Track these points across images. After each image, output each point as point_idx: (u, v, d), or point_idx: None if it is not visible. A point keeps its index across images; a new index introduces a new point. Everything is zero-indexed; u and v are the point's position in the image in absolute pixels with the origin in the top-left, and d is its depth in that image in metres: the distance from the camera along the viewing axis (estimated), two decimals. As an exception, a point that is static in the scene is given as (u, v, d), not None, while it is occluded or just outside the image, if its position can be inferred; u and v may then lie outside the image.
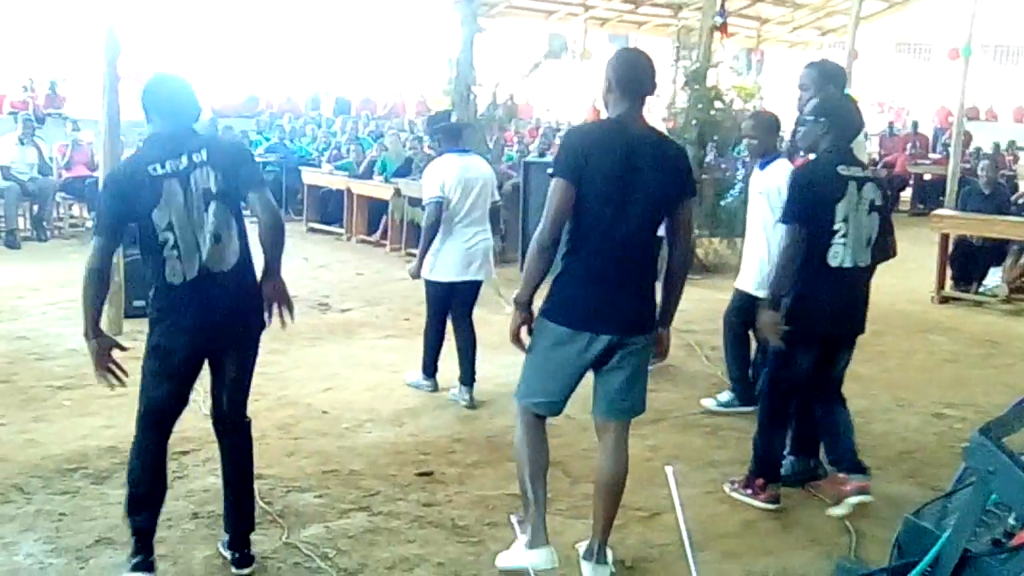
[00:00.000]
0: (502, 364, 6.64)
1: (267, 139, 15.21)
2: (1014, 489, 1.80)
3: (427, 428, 5.44)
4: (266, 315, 3.70)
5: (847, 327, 4.40)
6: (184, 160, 3.47)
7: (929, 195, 16.55)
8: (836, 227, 4.15)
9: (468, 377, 6.01)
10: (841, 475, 4.45)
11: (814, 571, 3.88)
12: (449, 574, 3.80)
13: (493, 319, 7.76)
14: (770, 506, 4.46)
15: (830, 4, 21.56)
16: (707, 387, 6.22)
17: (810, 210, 4.17)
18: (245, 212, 3.65)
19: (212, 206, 3.49)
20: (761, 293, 4.78)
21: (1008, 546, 1.99)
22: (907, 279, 4.77)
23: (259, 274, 3.68)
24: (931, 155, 18.20)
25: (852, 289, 4.29)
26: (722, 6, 11.16)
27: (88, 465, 4.71)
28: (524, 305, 3.63)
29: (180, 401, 3.72)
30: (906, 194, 17.00)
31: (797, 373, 4.36)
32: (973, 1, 15.22)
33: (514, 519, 3.76)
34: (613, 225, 3.49)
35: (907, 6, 22.11)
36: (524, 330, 3.66)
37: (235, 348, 3.73)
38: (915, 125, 19.72)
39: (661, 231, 3.68)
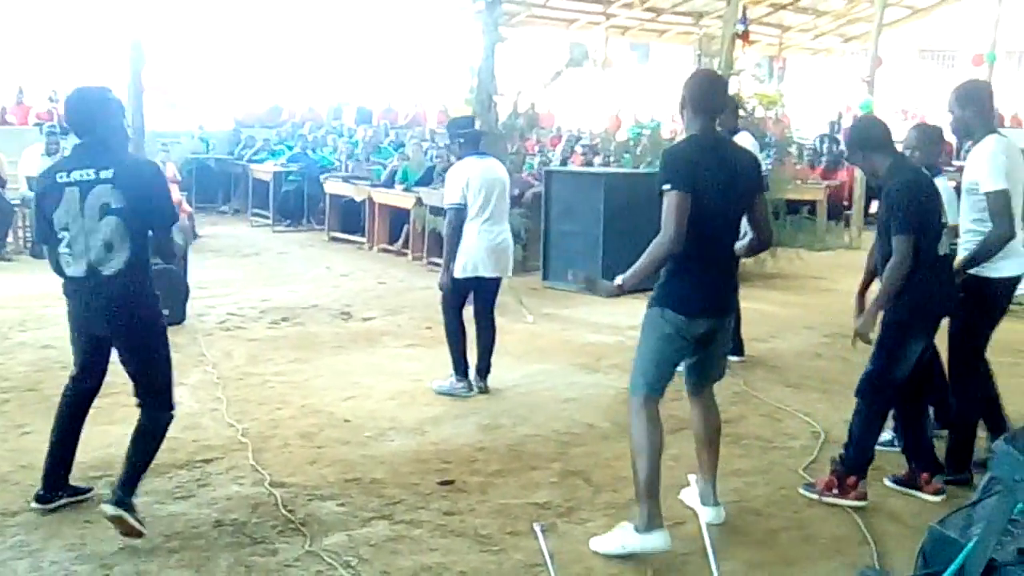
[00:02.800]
0: (524, 373, 6.65)
1: (290, 148, 15.29)
2: None
3: (449, 437, 5.44)
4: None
5: (950, 308, 4.62)
6: (91, 173, 3.96)
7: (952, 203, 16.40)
8: (944, 219, 4.52)
9: (484, 368, 6.23)
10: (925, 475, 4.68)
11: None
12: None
13: (515, 328, 7.79)
14: (859, 503, 4.53)
15: (852, 11, 21.50)
16: (729, 396, 6.19)
17: (924, 217, 4.42)
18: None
19: (106, 218, 3.95)
20: None
21: None
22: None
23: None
24: (955, 162, 18.04)
25: (951, 270, 4.60)
26: (743, 14, 11.12)
27: (112, 473, 4.70)
28: (624, 291, 4.08)
29: (89, 363, 4.37)
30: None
31: (908, 364, 4.52)
32: (997, 6, 15.14)
33: (537, 528, 3.76)
34: (720, 229, 4.07)
35: (930, 13, 21.98)
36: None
37: (120, 338, 4.18)
38: (939, 132, 19.58)
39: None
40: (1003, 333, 6.03)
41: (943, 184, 5.10)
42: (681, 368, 4.30)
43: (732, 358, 6.39)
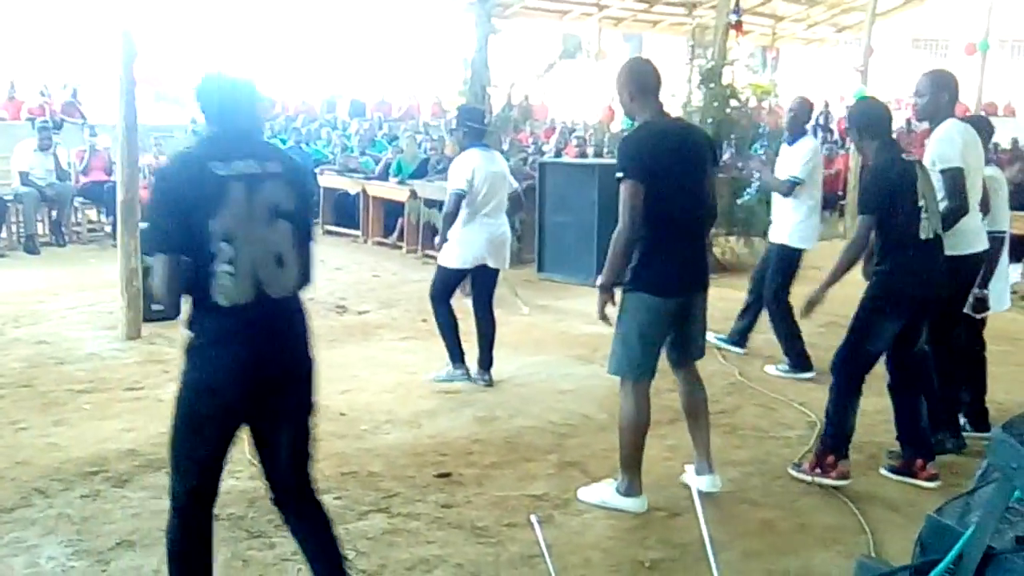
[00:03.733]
0: (520, 365, 6.66)
1: (283, 142, 15.24)
2: None
3: (445, 429, 5.44)
4: None
5: (936, 290, 4.66)
6: (255, 165, 2.96)
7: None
8: (920, 203, 4.51)
9: (487, 362, 6.25)
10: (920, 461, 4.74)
11: (835, 571, 3.86)
12: (468, 575, 3.80)
13: (510, 320, 7.78)
14: (841, 482, 4.60)
15: (846, 1, 21.46)
16: (724, 386, 6.21)
17: (892, 200, 4.51)
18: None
19: (277, 224, 2.97)
20: None
21: None
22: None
23: None
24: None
25: (938, 255, 4.62)
26: (737, 4, 11.11)
27: (108, 468, 4.73)
28: (608, 288, 4.27)
29: (218, 464, 3.12)
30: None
31: (880, 346, 4.62)
32: (991, -5, 15.15)
33: (534, 519, 3.75)
34: (686, 206, 4.17)
35: (924, 2, 21.95)
36: (609, 307, 4.32)
37: (294, 395, 3.11)
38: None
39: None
40: (999, 322, 6.06)
41: (988, 174, 5.27)
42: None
43: (735, 348, 7.02)
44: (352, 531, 4.12)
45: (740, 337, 7.07)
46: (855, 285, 4.72)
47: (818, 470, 4.65)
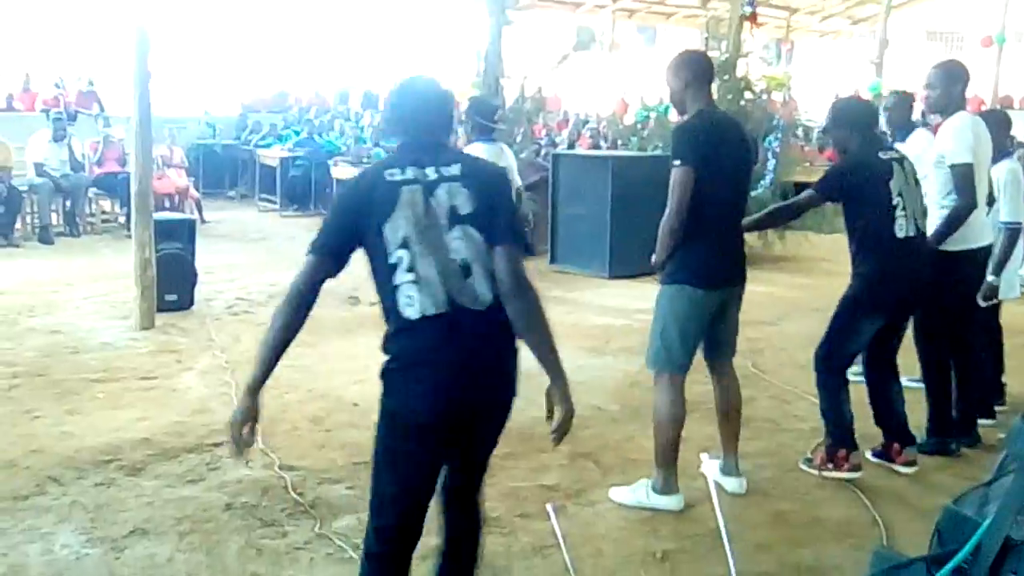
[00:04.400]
0: (529, 357, 6.64)
1: (296, 133, 15.28)
2: None
3: (457, 420, 5.43)
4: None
5: (919, 290, 4.65)
6: (431, 171, 2.78)
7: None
8: (895, 202, 4.44)
9: None
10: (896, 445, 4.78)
11: (848, 563, 3.85)
12: (481, 565, 3.80)
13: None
14: (855, 474, 4.60)
15: (860, -7, 21.37)
16: (739, 378, 6.18)
17: (861, 193, 4.51)
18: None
19: (457, 229, 2.74)
20: None
21: None
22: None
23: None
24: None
25: (919, 254, 4.57)
26: (751, -5, 11.07)
27: (123, 457, 4.75)
28: (658, 266, 4.24)
29: (415, 505, 2.83)
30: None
31: (858, 341, 4.63)
32: (1007, -13, 15.05)
33: (550, 508, 3.74)
34: (731, 199, 4.22)
35: (939, -6, 21.87)
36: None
37: (495, 415, 2.90)
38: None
39: None
40: (1009, 316, 6.04)
41: (1007, 166, 5.32)
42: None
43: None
44: (364, 520, 4.09)
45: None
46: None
47: (829, 465, 4.64)
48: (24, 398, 5.66)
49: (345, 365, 6.46)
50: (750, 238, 10.40)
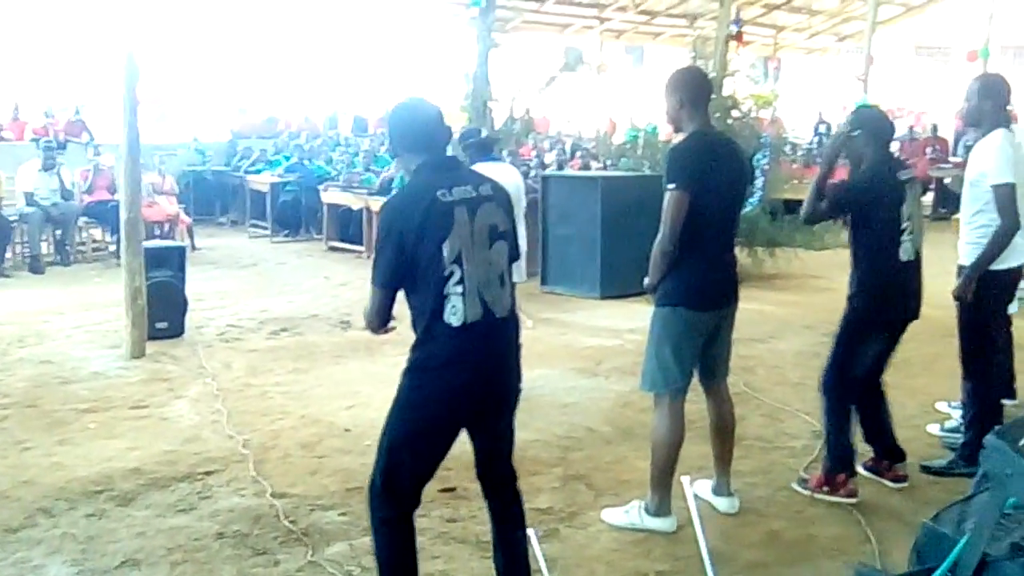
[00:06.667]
0: (524, 379, 6.62)
1: (287, 159, 15.30)
2: None
3: (450, 444, 5.43)
4: None
5: (914, 313, 4.64)
6: (471, 190, 3.13)
7: (950, 199, 16.41)
8: (904, 225, 4.45)
9: None
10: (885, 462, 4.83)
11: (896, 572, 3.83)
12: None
13: (514, 333, 7.77)
14: (850, 500, 4.56)
15: (847, 10, 21.53)
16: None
17: (868, 211, 4.49)
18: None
19: (497, 244, 3.14)
20: None
21: None
22: (930, 283, 4.77)
23: None
24: (952, 158, 18.06)
25: (917, 277, 4.61)
26: (737, 15, 11.14)
27: (113, 487, 4.73)
28: (655, 288, 4.18)
29: (429, 475, 3.34)
30: (927, 198, 16.85)
31: (864, 362, 4.61)
32: (991, 2, 15.16)
33: (531, 533, 3.71)
34: (725, 221, 4.19)
35: (924, 9, 22.01)
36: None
37: (509, 407, 3.39)
38: (935, 128, 19.58)
39: None
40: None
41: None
42: None
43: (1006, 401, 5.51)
44: (357, 547, 4.11)
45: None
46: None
47: (826, 488, 4.62)
48: (14, 429, 5.64)
49: (338, 390, 6.45)
50: (740, 255, 10.50)
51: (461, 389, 3.13)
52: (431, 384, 3.14)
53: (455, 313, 3.05)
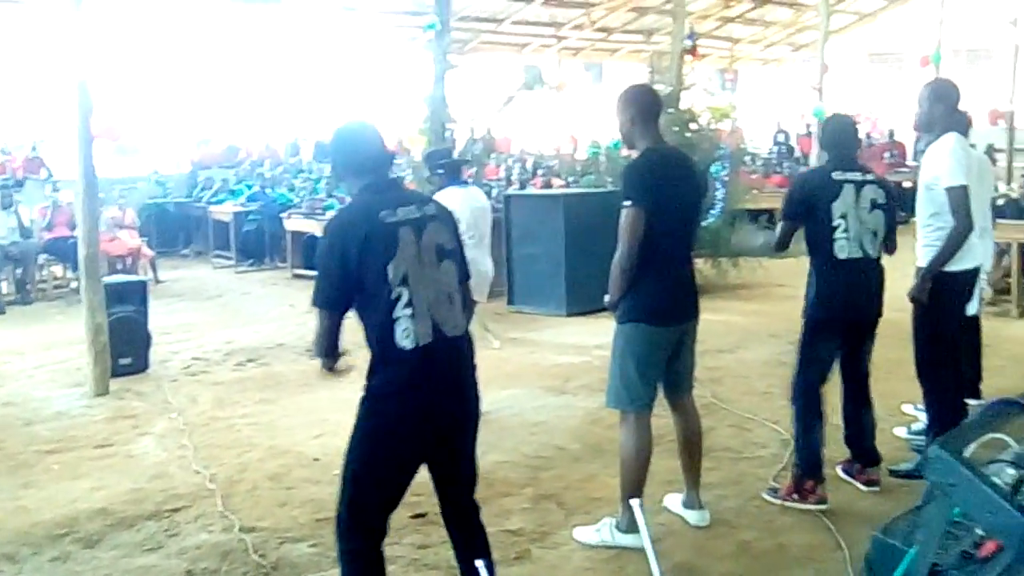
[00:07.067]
0: (492, 400, 6.60)
1: (249, 187, 15.22)
2: (975, 501, 1.78)
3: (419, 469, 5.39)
4: None
5: (865, 312, 4.72)
6: (415, 210, 3.12)
7: (909, 202, 16.56)
8: (835, 223, 4.53)
9: None
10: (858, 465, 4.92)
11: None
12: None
13: (481, 354, 7.70)
14: (821, 507, 4.59)
15: (801, 20, 21.75)
16: (698, 408, 6.19)
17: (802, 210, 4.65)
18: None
19: (444, 264, 3.15)
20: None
21: (977, 558, 1.97)
22: (892, 287, 4.81)
23: None
24: (909, 163, 18.26)
25: (863, 276, 4.64)
26: (691, 30, 11.23)
27: (79, 529, 4.66)
28: (616, 306, 4.20)
29: (397, 504, 3.29)
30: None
31: (822, 366, 4.68)
32: (940, 7, 15.38)
33: (480, 565, 3.65)
34: (681, 236, 4.21)
35: (876, 17, 22.32)
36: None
37: (469, 431, 3.35)
38: (891, 134, 19.81)
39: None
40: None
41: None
42: None
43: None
44: (327, 579, 4.07)
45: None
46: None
47: (795, 495, 4.65)
48: (-24, 473, 5.55)
49: (306, 419, 6.40)
50: (704, 267, 10.56)
51: (420, 413, 3.08)
52: (389, 411, 3.10)
53: (407, 336, 3.01)
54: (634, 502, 3.36)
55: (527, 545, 4.34)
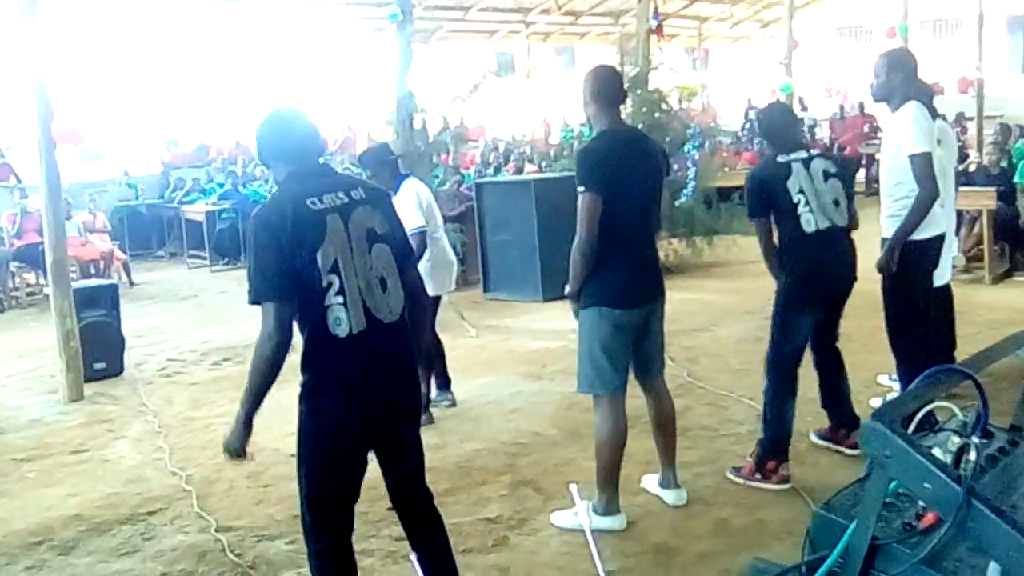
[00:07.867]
0: (469, 388, 6.62)
1: (220, 186, 15.13)
2: (911, 473, 1.77)
3: (397, 461, 5.38)
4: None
5: (841, 283, 4.75)
6: (342, 196, 3.04)
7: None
8: (795, 200, 4.56)
9: (447, 382, 6.32)
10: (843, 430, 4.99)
11: (790, 563, 3.84)
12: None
13: (458, 343, 7.74)
14: (783, 486, 4.59)
15: (766, -4, 21.78)
16: (673, 388, 6.18)
17: (769, 201, 4.68)
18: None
19: (375, 248, 3.05)
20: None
21: (918, 529, 1.96)
22: (865, 258, 4.82)
23: None
24: (881, 134, 18.30)
25: (835, 247, 4.67)
26: (656, 10, 11.21)
27: (54, 536, 4.62)
28: (576, 295, 4.19)
29: (356, 498, 3.22)
30: (860, 175, 17.09)
31: (799, 340, 4.68)
32: (906, -22, 15.41)
33: (413, 558, 3.62)
34: (641, 218, 4.14)
35: (842, -10, 22.37)
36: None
37: (412, 417, 3.28)
38: (861, 106, 19.79)
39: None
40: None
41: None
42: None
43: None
44: (305, 575, 4.04)
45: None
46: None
47: (758, 475, 4.65)
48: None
49: (283, 416, 6.23)
50: (679, 246, 10.57)
51: (359, 401, 3.01)
52: (329, 403, 3.03)
53: (339, 324, 2.95)
54: (573, 487, 3.32)
55: (504, 532, 4.33)
